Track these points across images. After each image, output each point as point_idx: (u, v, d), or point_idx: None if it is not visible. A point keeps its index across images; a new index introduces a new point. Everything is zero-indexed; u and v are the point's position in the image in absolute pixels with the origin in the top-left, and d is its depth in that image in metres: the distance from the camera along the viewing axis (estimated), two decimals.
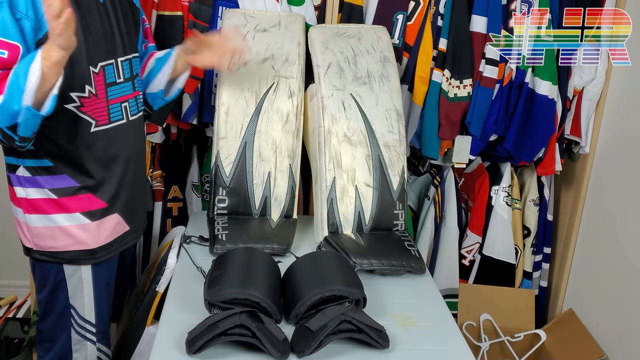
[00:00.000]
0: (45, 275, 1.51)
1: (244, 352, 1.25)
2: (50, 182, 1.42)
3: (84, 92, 1.38)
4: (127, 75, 1.50)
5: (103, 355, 1.62)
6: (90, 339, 1.57)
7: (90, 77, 1.39)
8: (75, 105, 1.38)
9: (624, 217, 2.04)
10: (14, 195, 1.46)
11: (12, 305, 2.26)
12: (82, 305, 1.53)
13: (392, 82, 1.89)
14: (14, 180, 1.44)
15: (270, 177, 1.82)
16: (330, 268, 1.45)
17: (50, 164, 1.41)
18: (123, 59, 1.49)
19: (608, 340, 2.08)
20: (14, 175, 1.44)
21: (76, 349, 1.56)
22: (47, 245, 1.47)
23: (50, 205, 1.44)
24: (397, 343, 1.32)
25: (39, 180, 1.42)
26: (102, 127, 1.44)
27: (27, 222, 1.46)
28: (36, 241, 1.47)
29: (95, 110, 1.42)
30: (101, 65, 1.41)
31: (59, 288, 1.51)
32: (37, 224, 1.45)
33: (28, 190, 1.43)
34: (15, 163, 1.42)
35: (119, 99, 1.48)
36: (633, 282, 1.97)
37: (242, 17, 1.91)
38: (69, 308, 1.52)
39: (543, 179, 2.32)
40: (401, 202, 1.83)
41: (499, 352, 2.27)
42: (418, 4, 2.01)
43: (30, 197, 1.43)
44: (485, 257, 2.28)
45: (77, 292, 1.52)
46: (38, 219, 1.45)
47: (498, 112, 2.09)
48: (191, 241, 1.77)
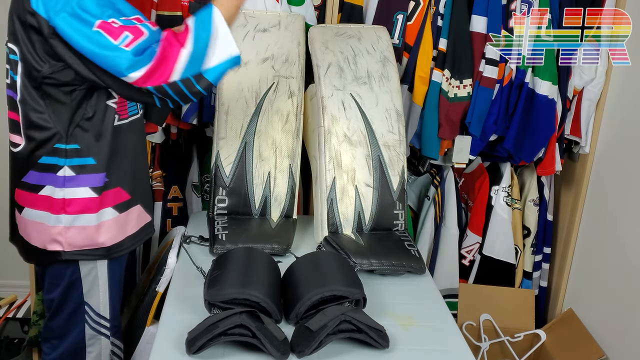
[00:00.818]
0: (59, 274, 1.51)
1: (244, 352, 1.25)
2: (89, 181, 1.44)
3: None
4: None
5: (117, 349, 1.63)
6: (105, 334, 1.59)
7: None
8: (114, 101, 1.43)
9: (624, 217, 2.04)
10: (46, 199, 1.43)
11: (12, 305, 2.26)
12: (97, 302, 1.54)
13: (392, 82, 1.89)
14: (53, 181, 1.42)
15: (270, 177, 1.82)
16: (330, 268, 1.45)
17: (93, 162, 1.43)
18: None
19: (608, 340, 2.08)
20: (53, 175, 1.42)
21: (90, 343, 1.58)
22: (82, 243, 1.47)
23: (88, 203, 1.45)
24: (397, 343, 1.32)
25: (80, 179, 1.43)
26: (123, 121, 1.48)
27: (61, 224, 1.44)
28: (71, 241, 1.46)
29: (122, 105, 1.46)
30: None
31: (73, 287, 1.51)
32: (75, 224, 1.45)
33: (67, 190, 1.42)
34: (57, 163, 1.41)
35: None
36: (633, 282, 1.97)
37: (242, 17, 1.91)
38: (84, 305, 1.53)
39: (543, 179, 2.32)
40: (401, 202, 1.83)
41: (499, 352, 2.27)
42: (418, 4, 2.01)
43: (68, 197, 1.43)
44: (485, 257, 2.28)
45: (92, 289, 1.53)
46: (76, 219, 1.45)
47: (498, 112, 2.09)
48: (191, 241, 1.77)
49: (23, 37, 1.34)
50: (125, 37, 1.28)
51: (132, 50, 1.27)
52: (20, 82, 1.38)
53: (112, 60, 1.28)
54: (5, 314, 2.22)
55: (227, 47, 1.33)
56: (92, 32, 1.26)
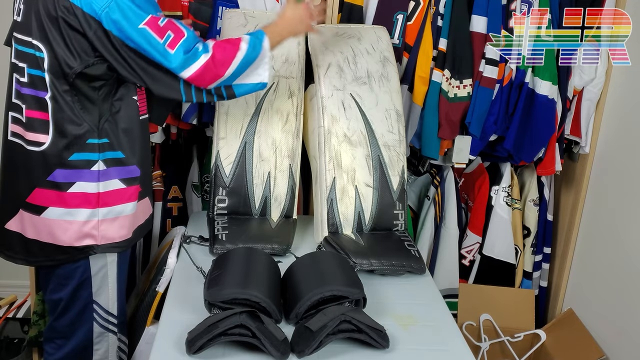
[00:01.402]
0: (69, 274, 1.51)
1: (244, 352, 1.25)
2: (120, 173, 1.49)
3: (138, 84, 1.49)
4: None
5: (123, 345, 1.65)
6: (112, 330, 1.60)
7: None
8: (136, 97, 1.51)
9: (624, 217, 2.04)
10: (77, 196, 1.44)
11: (12, 305, 2.26)
12: (106, 300, 1.57)
13: (392, 82, 1.89)
14: (87, 176, 1.44)
15: (270, 177, 1.82)
16: (330, 268, 1.45)
17: (122, 155, 1.49)
18: None
19: (608, 340, 2.08)
20: (87, 171, 1.44)
21: (98, 340, 1.59)
22: (116, 235, 1.51)
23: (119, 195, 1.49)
24: (397, 343, 1.32)
25: (111, 172, 1.47)
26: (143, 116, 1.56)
27: (95, 218, 1.47)
28: (105, 234, 1.49)
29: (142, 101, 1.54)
30: None
31: (83, 286, 1.53)
32: (109, 216, 1.49)
33: (101, 184, 1.46)
34: (92, 158, 1.44)
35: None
36: (633, 282, 1.97)
37: (242, 17, 1.91)
38: (92, 304, 1.55)
39: (543, 179, 2.32)
40: (401, 202, 1.83)
41: (499, 352, 2.27)
42: (418, 4, 2.01)
43: (101, 190, 1.46)
44: (485, 257, 2.28)
45: (102, 287, 1.55)
46: (110, 211, 1.49)
47: (498, 112, 2.09)
48: (191, 241, 1.77)
49: (53, 33, 1.34)
50: (168, 37, 1.36)
51: (180, 49, 1.36)
52: (49, 80, 1.38)
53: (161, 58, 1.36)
54: (5, 314, 2.22)
55: (264, 72, 1.50)
56: (141, 29, 1.33)
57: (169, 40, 1.36)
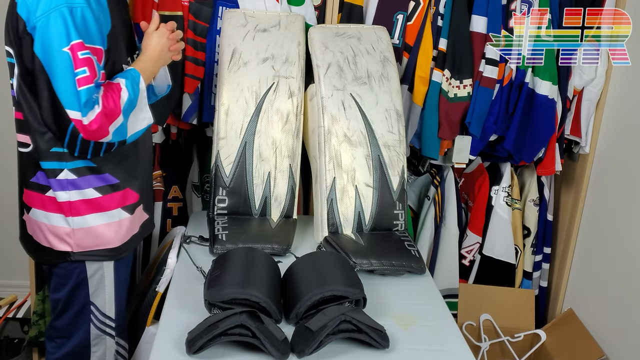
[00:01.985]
0: (67, 275, 1.52)
1: (244, 352, 1.25)
2: (93, 182, 1.45)
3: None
4: None
5: (121, 349, 1.64)
6: (110, 334, 1.59)
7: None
8: None
9: (624, 217, 2.04)
10: (50, 201, 1.45)
11: (12, 305, 2.25)
12: (103, 302, 1.55)
13: (392, 82, 1.89)
14: (56, 185, 1.43)
15: (270, 177, 1.82)
16: (330, 268, 1.45)
17: (93, 164, 1.44)
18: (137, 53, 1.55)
19: (608, 340, 2.08)
20: (55, 180, 1.43)
21: (95, 343, 1.58)
22: (90, 244, 1.48)
23: (93, 205, 1.46)
24: (397, 343, 1.32)
25: (82, 182, 1.44)
26: None
27: (68, 226, 1.46)
28: (79, 242, 1.47)
29: None
30: (129, 60, 1.50)
31: (80, 287, 1.52)
32: (82, 225, 1.46)
33: (71, 193, 1.44)
34: (58, 167, 1.42)
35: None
36: (633, 282, 1.97)
37: (242, 17, 1.91)
38: (89, 305, 1.54)
39: (543, 179, 2.32)
40: (401, 202, 1.83)
41: (499, 352, 2.27)
42: (418, 4, 2.01)
43: (73, 199, 1.44)
44: (485, 257, 2.28)
45: (99, 289, 1.54)
46: (83, 220, 1.46)
47: (498, 112, 2.09)
48: (191, 241, 1.77)
49: (14, 38, 1.35)
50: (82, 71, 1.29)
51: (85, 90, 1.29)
52: (16, 84, 1.39)
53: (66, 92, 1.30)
54: (5, 314, 2.22)
55: (147, 113, 1.45)
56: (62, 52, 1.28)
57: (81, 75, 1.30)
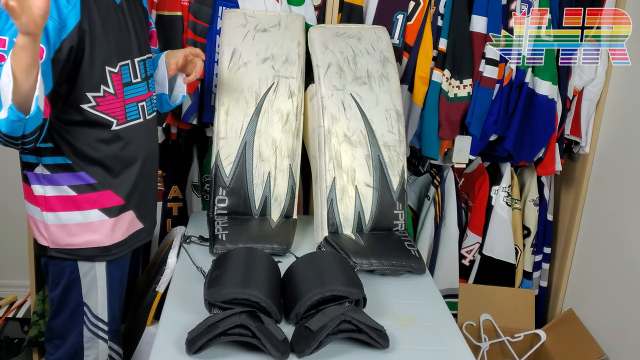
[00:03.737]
0: (60, 273, 1.51)
1: (244, 352, 1.25)
2: (69, 180, 1.43)
3: (100, 91, 1.39)
4: (143, 75, 1.52)
5: (114, 354, 1.62)
6: (103, 337, 1.58)
7: (107, 77, 1.40)
8: (90, 105, 1.39)
9: (624, 217, 2.04)
10: (31, 193, 1.46)
11: (12, 305, 2.26)
12: (95, 303, 1.54)
13: (392, 82, 1.89)
14: (32, 178, 1.44)
15: (270, 177, 1.82)
16: (330, 268, 1.45)
17: (68, 161, 1.42)
18: (139, 59, 1.51)
19: (608, 340, 2.08)
20: (32, 173, 1.44)
21: (88, 346, 1.57)
22: (64, 242, 1.47)
23: (68, 202, 1.44)
24: (397, 343, 1.32)
25: (57, 178, 1.43)
26: (121, 126, 1.46)
27: (44, 220, 1.46)
28: (54, 239, 1.47)
29: (113, 110, 1.44)
30: (120, 64, 1.43)
31: (72, 286, 1.51)
32: (55, 222, 1.46)
33: (46, 188, 1.43)
34: (34, 161, 1.42)
35: (135, 98, 1.49)
36: (633, 282, 1.97)
37: (242, 17, 1.91)
38: (82, 306, 1.53)
39: (543, 179, 2.32)
40: (401, 202, 1.83)
41: (499, 352, 2.27)
42: (418, 4, 2.01)
43: (48, 194, 1.44)
44: (485, 257, 2.28)
45: (91, 290, 1.53)
46: (56, 217, 1.45)
47: (498, 112, 2.09)
48: (191, 241, 1.77)
49: None
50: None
51: None
52: None
53: None
54: (5, 314, 2.22)
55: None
56: None
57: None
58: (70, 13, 1.30)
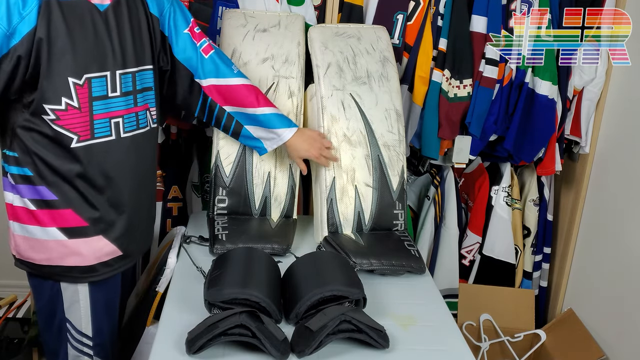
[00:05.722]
0: (39, 285, 1.48)
1: (244, 352, 1.25)
2: (29, 193, 1.38)
3: (61, 104, 1.31)
4: (127, 89, 1.40)
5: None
6: (87, 353, 1.53)
7: (71, 89, 1.31)
8: (50, 119, 1.31)
9: (624, 217, 2.04)
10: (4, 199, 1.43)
11: (12, 305, 2.25)
12: (78, 319, 1.49)
13: (392, 82, 1.89)
14: (5, 184, 1.41)
15: (270, 177, 1.82)
16: (330, 268, 1.45)
17: (30, 173, 1.36)
18: (123, 71, 1.39)
19: (608, 340, 2.08)
20: (5, 179, 1.41)
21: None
22: (26, 255, 1.44)
23: (28, 215, 1.39)
24: (397, 343, 1.32)
25: (20, 189, 1.38)
26: (84, 143, 1.35)
27: (11, 228, 1.44)
28: (18, 250, 1.44)
29: (75, 125, 1.33)
30: (87, 77, 1.32)
31: (55, 300, 1.47)
32: (18, 232, 1.42)
33: (14, 197, 1.40)
34: (6, 168, 1.40)
35: (108, 114, 1.37)
36: (633, 282, 1.97)
37: (242, 17, 1.91)
38: (65, 322, 1.49)
39: (543, 179, 2.32)
40: (401, 202, 1.83)
41: (499, 352, 2.27)
42: (418, 4, 2.01)
43: (15, 204, 1.40)
44: (485, 257, 2.28)
45: (73, 305, 1.47)
46: (19, 228, 1.41)
47: (498, 112, 2.09)
48: (191, 241, 1.77)
49: None
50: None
51: None
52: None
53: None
54: (5, 314, 2.21)
55: None
56: None
57: None
58: (23, 20, 1.23)
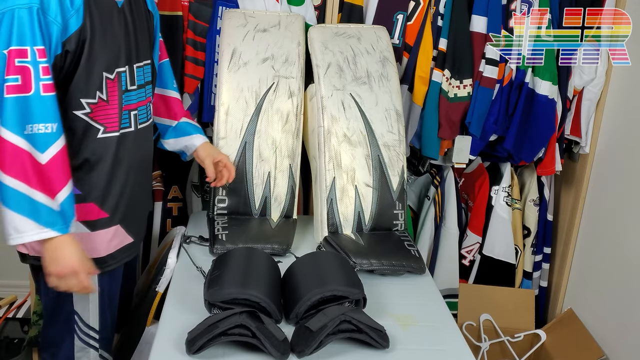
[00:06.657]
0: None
1: (244, 352, 1.25)
2: None
3: (95, 98, 1.36)
4: (140, 82, 1.47)
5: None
6: (93, 346, 1.55)
7: (103, 83, 1.36)
8: (84, 112, 1.36)
9: (624, 217, 2.04)
10: None
11: (12, 305, 2.25)
12: (86, 312, 1.50)
13: (392, 82, 1.89)
14: None
15: (270, 177, 1.82)
16: (330, 268, 1.45)
17: None
18: (137, 65, 1.46)
19: (608, 340, 2.08)
20: None
21: (79, 356, 1.54)
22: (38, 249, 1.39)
23: None
24: (397, 343, 1.32)
25: None
26: (110, 134, 1.41)
27: None
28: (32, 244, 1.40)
29: (106, 117, 1.39)
30: (117, 71, 1.39)
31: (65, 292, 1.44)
32: None
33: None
34: None
35: (129, 106, 1.45)
36: (633, 282, 1.97)
37: (242, 17, 1.91)
38: (74, 314, 1.50)
39: (543, 179, 2.32)
40: (401, 202, 1.83)
41: (499, 352, 2.27)
42: (418, 4, 2.01)
43: None
44: (485, 257, 2.28)
45: (82, 298, 1.48)
46: None
47: (498, 112, 2.09)
48: (191, 241, 1.77)
49: None
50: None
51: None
52: None
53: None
54: (5, 314, 2.21)
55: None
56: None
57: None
58: (72, 17, 1.28)
